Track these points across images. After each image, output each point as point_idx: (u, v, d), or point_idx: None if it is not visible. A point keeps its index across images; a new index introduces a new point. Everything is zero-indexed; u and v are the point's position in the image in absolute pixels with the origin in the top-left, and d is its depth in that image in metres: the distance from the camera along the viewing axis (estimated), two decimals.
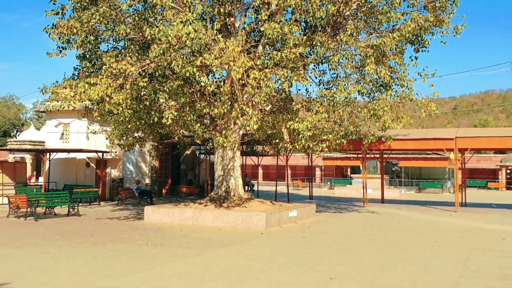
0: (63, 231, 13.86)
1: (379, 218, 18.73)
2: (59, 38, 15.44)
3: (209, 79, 13.82)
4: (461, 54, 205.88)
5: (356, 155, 29.41)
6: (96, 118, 16.80)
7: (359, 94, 17.26)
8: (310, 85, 18.34)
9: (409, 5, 16.77)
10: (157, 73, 15.43)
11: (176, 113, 14.52)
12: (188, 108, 15.76)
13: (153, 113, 16.57)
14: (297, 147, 17.93)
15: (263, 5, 15.65)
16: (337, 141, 17.84)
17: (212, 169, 20.71)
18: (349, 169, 57.09)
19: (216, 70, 13.89)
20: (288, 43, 13.75)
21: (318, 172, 57.83)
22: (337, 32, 16.80)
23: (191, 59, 13.52)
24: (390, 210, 22.33)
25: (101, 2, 15.11)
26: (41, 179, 24.89)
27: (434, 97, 16.04)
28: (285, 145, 18.04)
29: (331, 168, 58.44)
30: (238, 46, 13.17)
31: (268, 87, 13.78)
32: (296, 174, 59.93)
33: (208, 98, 16.66)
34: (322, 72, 19.53)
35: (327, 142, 17.53)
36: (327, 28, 16.82)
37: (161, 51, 13.20)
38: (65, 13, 16.18)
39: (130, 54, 15.12)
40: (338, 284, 7.77)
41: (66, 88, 15.81)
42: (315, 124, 15.16)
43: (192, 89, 16.30)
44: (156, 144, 26.16)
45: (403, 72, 16.27)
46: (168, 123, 14.34)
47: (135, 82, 14.46)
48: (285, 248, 11.32)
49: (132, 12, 16.27)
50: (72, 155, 24.79)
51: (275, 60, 14.17)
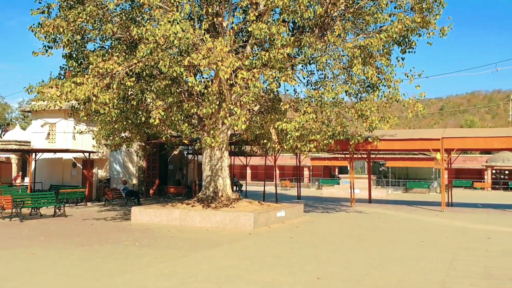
0: (49, 232, 13.72)
1: (366, 218, 18.83)
2: (45, 37, 15.28)
3: (197, 79, 13.77)
4: (448, 55, 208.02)
5: (344, 155, 29.56)
6: (83, 118, 16.65)
7: (347, 95, 17.36)
8: (298, 86, 18.46)
9: (396, 7, 16.90)
10: (145, 73, 15.34)
11: (164, 113, 14.45)
12: (176, 108, 15.70)
13: (140, 113, 16.48)
14: (285, 147, 17.94)
15: (251, 6, 15.64)
16: (325, 142, 17.89)
17: (200, 169, 20.66)
18: (337, 169, 57.33)
19: (204, 70, 13.84)
20: (276, 44, 13.77)
21: (306, 172, 57.97)
22: (325, 33, 16.86)
23: (179, 59, 13.46)
24: (377, 210, 22.46)
25: (88, 1, 14.97)
26: (27, 180, 24.61)
27: (421, 98, 16.15)
28: (273, 145, 18.04)
29: (319, 168, 58.63)
30: (226, 46, 13.14)
31: (256, 87, 13.78)
32: (285, 174, 60.02)
33: (196, 98, 16.60)
34: (310, 73, 19.62)
35: (315, 143, 17.57)
36: (315, 29, 16.87)
37: (149, 51, 13.13)
38: (51, 12, 16.02)
39: (117, 54, 15.01)
40: (325, 284, 7.79)
41: (52, 88, 15.65)
42: (303, 125, 15.19)
43: (180, 89, 16.24)
44: (144, 144, 26.01)
45: (390, 73, 16.38)
46: (156, 123, 14.27)
47: (122, 82, 14.36)
48: (273, 248, 11.33)
49: (119, 12, 16.16)
50: (59, 155, 24.55)
51: (263, 61, 14.16)
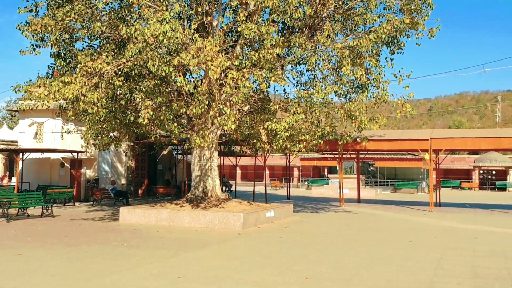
0: (36, 233, 13.59)
1: (355, 218, 18.91)
2: (33, 36, 15.14)
3: (186, 79, 13.71)
4: (436, 57, 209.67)
5: (333, 156, 29.64)
6: (71, 118, 16.54)
7: (336, 95, 17.41)
8: (288, 86, 18.47)
9: (385, 7, 16.98)
10: (133, 72, 15.26)
11: (153, 113, 14.38)
12: (165, 108, 15.64)
13: (129, 113, 16.39)
14: (275, 148, 17.95)
15: (241, 6, 15.63)
16: (314, 142, 17.93)
17: (190, 170, 20.59)
18: (326, 169, 57.46)
19: (194, 70, 13.81)
20: (266, 44, 13.77)
21: (296, 172, 58.08)
22: (315, 33, 16.89)
23: (168, 59, 13.41)
24: (366, 210, 22.57)
25: (76, 0, 14.86)
26: (14, 180, 24.36)
27: (410, 98, 16.26)
28: (263, 146, 18.04)
29: (309, 168, 58.76)
30: (216, 46, 13.11)
31: (246, 88, 13.76)
32: (274, 174, 60.07)
33: (186, 98, 16.55)
34: (300, 73, 19.65)
35: (305, 143, 17.61)
36: (305, 29, 16.91)
37: (138, 50, 13.06)
38: (39, 11, 15.85)
39: (106, 53, 14.91)
40: (315, 284, 7.80)
41: (40, 87, 15.51)
42: (293, 125, 15.21)
43: (169, 89, 16.19)
44: (132, 144, 25.88)
45: (379, 74, 16.47)
46: (145, 123, 14.19)
47: (111, 81, 14.27)
48: (262, 248, 11.33)
49: (108, 11, 16.05)
50: (46, 155, 24.34)
51: (253, 61, 14.16)
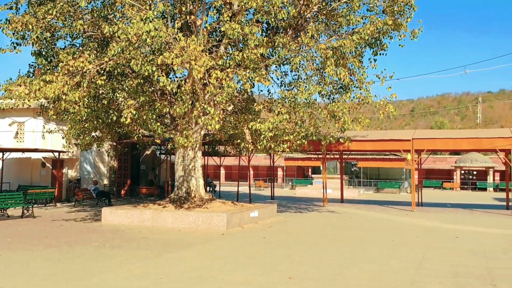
0: (16, 234, 13.37)
1: (339, 218, 19.01)
2: (13, 34, 14.90)
3: (169, 79, 13.64)
4: (419, 58, 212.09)
5: (317, 156, 29.77)
6: (52, 117, 16.28)
7: (320, 96, 17.49)
8: (272, 86, 18.55)
9: (369, 9, 17.11)
10: (116, 72, 15.12)
11: (135, 112, 14.26)
12: (148, 107, 15.52)
13: (112, 112, 16.23)
14: (259, 148, 17.96)
15: (225, 5, 15.60)
16: (298, 142, 17.97)
17: (173, 170, 20.48)
18: (310, 170, 57.71)
19: (177, 69, 13.73)
20: (249, 44, 13.77)
21: (280, 173, 58.18)
22: (299, 34, 16.94)
23: (151, 58, 13.32)
24: (349, 210, 22.71)
25: None
26: None
27: (392, 99, 16.40)
28: (247, 146, 18.04)
29: (293, 169, 58.91)
30: (200, 45, 13.06)
31: (230, 87, 13.74)
32: (259, 175, 60.10)
33: (169, 98, 16.46)
34: (284, 74, 19.69)
35: (288, 143, 17.65)
36: (289, 30, 16.94)
37: (120, 49, 12.94)
38: (20, 8, 15.62)
39: (88, 52, 14.75)
40: (298, 284, 7.82)
41: (21, 86, 15.26)
42: (277, 125, 15.24)
43: (152, 88, 16.07)
44: (115, 144, 25.64)
45: (362, 75, 16.59)
46: (127, 122, 14.06)
47: (93, 80, 14.11)
48: (246, 249, 11.31)
49: (91, 9, 15.87)
50: (27, 155, 23.97)
51: (236, 61, 14.15)
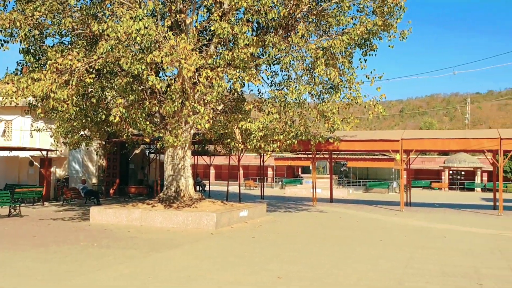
0: (3, 233, 13.23)
1: (328, 217, 19.07)
2: (1, 31, 14.73)
3: (158, 78, 13.58)
4: (408, 58, 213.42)
5: (307, 156, 29.84)
6: (40, 115, 16.14)
7: (310, 96, 17.53)
8: (262, 86, 18.44)
9: (359, 10, 17.16)
10: (105, 70, 15.02)
11: (125, 111, 14.18)
12: (137, 106, 15.44)
13: (101, 111, 16.12)
14: (249, 147, 17.97)
15: (215, 4, 15.57)
16: (288, 142, 18.01)
17: (162, 169, 20.41)
18: (300, 169, 57.85)
19: (167, 68, 13.67)
20: (239, 43, 13.76)
21: (270, 172, 58.26)
22: (289, 34, 16.95)
23: (140, 56, 13.25)
24: (338, 209, 22.80)
25: None
26: None
27: (382, 100, 16.48)
28: (237, 145, 18.02)
29: (283, 168, 59.04)
30: (190, 44, 13.02)
31: (220, 87, 13.72)
32: (249, 174, 60.09)
33: (159, 96, 16.39)
34: (274, 73, 19.69)
35: (278, 143, 17.67)
36: (279, 30, 16.95)
37: (110, 48, 12.86)
38: (7, 5, 15.45)
39: (77, 50, 14.64)
40: (286, 283, 7.83)
41: (8, 83, 15.12)
42: (267, 125, 15.24)
43: (142, 87, 15.99)
44: (104, 143, 25.49)
45: (352, 75, 16.65)
46: (116, 121, 13.98)
47: (82, 79, 14.01)
48: (235, 248, 11.31)
49: (80, 7, 15.75)
50: (15, 153, 23.75)
51: (226, 60, 14.13)
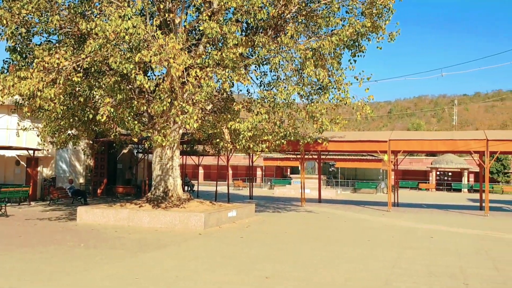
0: None
1: (316, 218, 19.13)
2: None
3: (146, 77, 13.51)
4: (397, 60, 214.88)
5: (295, 156, 29.91)
6: (27, 114, 15.97)
7: (298, 96, 17.56)
8: (252, 86, 18.49)
9: (348, 11, 17.22)
10: (93, 69, 14.91)
11: (113, 110, 14.09)
12: (125, 105, 15.34)
13: (88, 110, 15.99)
14: (238, 147, 17.96)
15: (204, 4, 15.54)
16: (277, 142, 18.04)
17: (150, 169, 20.30)
18: (289, 170, 57.98)
19: (156, 67, 13.61)
20: (229, 43, 13.74)
21: (259, 172, 58.31)
22: (278, 35, 16.98)
23: (129, 55, 13.17)
24: (327, 210, 22.87)
25: None
26: None
27: (370, 101, 16.55)
28: (226, 145, 18.01)
29: (272, 169, 59.09)
30: (179, 44, 12.97)
31: (209, 87, 13.69)
32: (238, 174, 60.08)
33: (147, 96, 16.30)
34: (263, 74, 19.71)
35: (267, 143, 17.69)
36: (268, 30, 16.96)
37: (98, 46, 12.76)
38: None
39: (65, 48, 14.51)
40: (274, 283, 7.83)
41: None
42: (256, 125, 15.24)
43: (130, 86, 15.89)
44: (91, 142, 25.30)
45: (340, 76, 16.71)
46: (103, 120, 13.87)
47: (69, 77, 13.89)
48: (223, 249, 11.28)
49: (67, 5, 15.61)
50: (1, 153, 23.47)
51: (215, 60, 14.10)
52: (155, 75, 17.77)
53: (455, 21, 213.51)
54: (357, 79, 16.58)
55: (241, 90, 32.49)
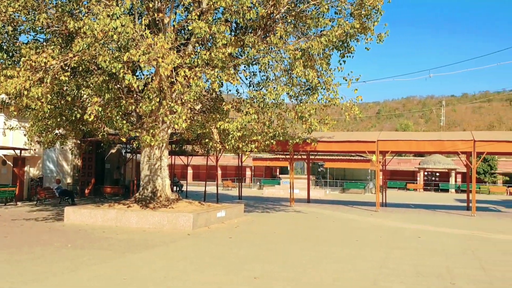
0: None
1: (305, 218, 19.17)
2: None
3: (135, 77, 13.44)
4: (385, 60, 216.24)
5: (285, 156, 29.94)
6: (13, 113, 15.80)
7: (288, 97, 17.59)
8: (241, 86, 18.52)
9: (337, 12, 17.28)
10: (81, 68, 14.79)
11: (100, 109, 13.99)
12: (114, 105, 15.23)
13: (76, 109, 15.86)
14: (227, 147, 17.94)
15: (194, 3, 15.49)
16: (266, 142, 18.04)
17: (139, 169, 20.20)
18: (278, 170, 58.06)
19: (144, 67, 13.54)
20: (218, 43, 13.72)
21: (249, 173, 58.29)
22: (268, 35, 16.99)
23: (117, 55, 13.08)
24: (315, 210, 22.93)
25: None
26: None
27: (358, 101, 16.62)
28: (215, 145, 17.97)
29: (261, 169, 59.12)
30: (168, 43, 12.92)
31: (198, 86, 13.65)
32: (227, 174, 60.01)
33: (135, 95, 16.21)
34: (253, 74, 19.71)
35: (257, 143, 17.68)
36: (258, 30, 16.97)
37: (86, 45, 12.66)
38: None
39: (52, 47, 14.37)
40: (263, 283, 7.82)
41: None
42: (245, 125, 15.23)
43: (118, 85, 15.79)
44: (79, 142, 25.10)
45: (329, 77, 16.75)
46: (91, 120, 13.77)
47: (57, 76, 13.76)
48: (212, 249, 11.26)
49: (55, 4, 15.47)
50: None
51: (205, 59, 14.07)
52: (144, 75, 17.69)
53: (443, 22, 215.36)
54: (346, 80, 16.64)
55: (230, 90, 32.56)
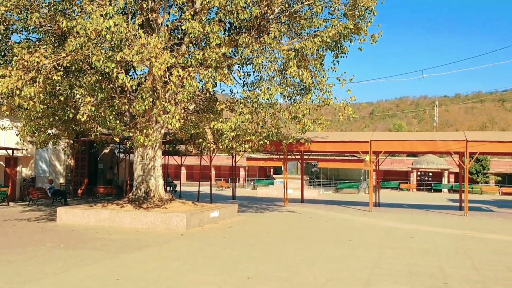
0: None
1: (298, 218, 19.19)
2: None
3: (128, 76, 13.38)
4: (379, 61, 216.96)
5: (278, 156, 29.96)
6: (5, 113, 15.68)
7: (282, 97, 17.60)
8: (235, 86, 18.48)
9: (330, 12, 17.31)
10: (74, 67, 14.72)
11: (93, 109, 13.92)
12: (107, 105, 15.17)
13: (68, 109, 15.78)
14: (221, 147, 17.92)
15: (187, 3, 15.46)
16: (260, 142, 18.04)
17: (132, 169, 20.13)
18: (272, 170, 58.09)
19: (137, 66, 13.50)
20: (211, 43, 13.70)
21: (242, 173, 58.26)
22: (261, 35, 16.98)
23: (110, 54, 13.03)
24: (309, 210, 22.96)
25: None
26: None
27: (352, 102, 16.67)
28: (209, 145, 17.95)
29: (255, 169, 59.12)
30: (161, 43, 12.89)
31: (192, 86, 13.63)
32: (221, 175, 59.96)
33: (128, 95, 16.16)
34: (246, 74, 19.71)
35: (250, 143, 17.67)
36: (252, 30, 16.96)
37: (79, 45, 12.60)
38: None
39: (45, 46, 14.29)
40: (256, 283, 7.82)
41: None
42: (239, 125, 15.23)
43: (111, 85, 15.73)
44: (72, 142, 24.98)
45: (323, 77, 16.78)
46: (83, 119, 13.70)
47: (49, 76, 13.68)
48: (205, 249, 11.24)
49: (48, 3, 15.38)
50: None
51: (198, 59, 14.05)
52: (137, 74, 17.63)
53: (437, 23, 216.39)
54: (340, 80, 16.68)
55: (224, 90, 32.57)
